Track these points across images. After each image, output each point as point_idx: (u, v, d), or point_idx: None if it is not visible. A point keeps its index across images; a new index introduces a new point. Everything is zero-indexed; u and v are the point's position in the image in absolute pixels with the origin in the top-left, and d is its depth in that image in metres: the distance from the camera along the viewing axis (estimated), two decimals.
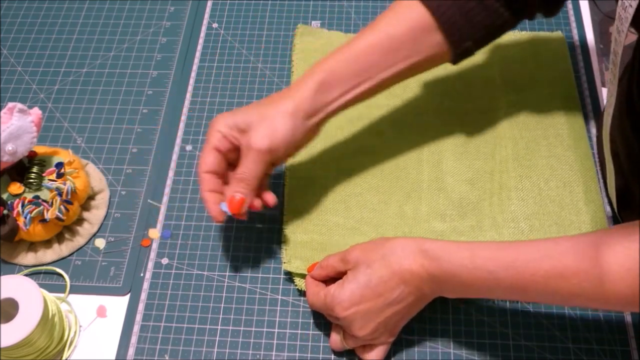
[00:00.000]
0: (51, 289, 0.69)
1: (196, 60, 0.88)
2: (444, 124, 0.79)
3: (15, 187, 0.69)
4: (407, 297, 0.58)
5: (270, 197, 0.67)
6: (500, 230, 0.71)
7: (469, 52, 0.67)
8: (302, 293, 0.69)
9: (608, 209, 0.72)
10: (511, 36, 0.85)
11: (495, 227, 0.71)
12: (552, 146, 0.76)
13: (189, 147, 0.80)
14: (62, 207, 0.69)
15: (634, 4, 0.52)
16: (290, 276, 0.69)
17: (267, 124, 0.62)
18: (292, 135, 0.63)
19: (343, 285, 0.59)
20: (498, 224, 0.71)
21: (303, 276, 0.68)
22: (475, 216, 0.72)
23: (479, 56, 0.81)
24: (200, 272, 0.71)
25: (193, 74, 0.87)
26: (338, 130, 0.78)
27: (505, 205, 0.72)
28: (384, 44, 0.64)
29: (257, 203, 0.65)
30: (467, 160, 0.76)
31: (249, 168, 0.62)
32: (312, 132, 0.66)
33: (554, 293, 0.53)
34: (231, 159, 0.66)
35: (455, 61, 0.68)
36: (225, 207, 0.63)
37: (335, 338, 0.63)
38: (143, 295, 0.69)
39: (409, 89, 0.82)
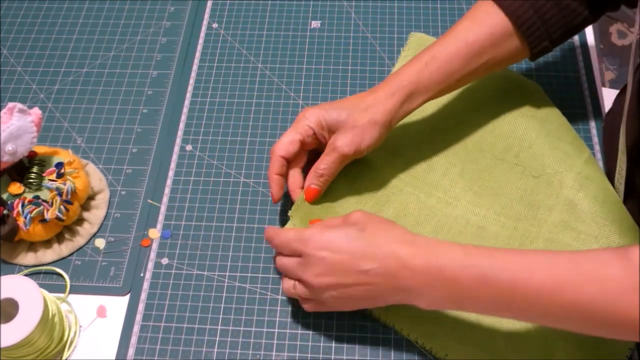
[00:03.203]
0: (51, 289, 0.69)
1: (196, 60, 0.88)
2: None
3: (15, 187, 0.69)
4: (377, 278, 0.57)
5: None
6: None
7: (546, 50, 0.70)
8: None
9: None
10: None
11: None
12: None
13: (189, 147, 0.80)
14: (62, 207, 0.69)
15: None
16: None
17: (356, 132, 0.66)
18: (376, 144, 0.67)
19: (329, 228, 0.60)
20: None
21: None
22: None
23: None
24: (200, 272, 0.71)
25: (193, 74, 0.87)
26: None
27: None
28: (465, 51, 0.68)
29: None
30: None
31: (330, 166, 0.67)
32: (386, 135, 0.69)
33: (559, 305, 0.51)
34: (308, 145, 0.69)
35: (533, 59, 0.72)
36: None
37: (289, 283, 0.63)
38: (143, 295, 0.69)
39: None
